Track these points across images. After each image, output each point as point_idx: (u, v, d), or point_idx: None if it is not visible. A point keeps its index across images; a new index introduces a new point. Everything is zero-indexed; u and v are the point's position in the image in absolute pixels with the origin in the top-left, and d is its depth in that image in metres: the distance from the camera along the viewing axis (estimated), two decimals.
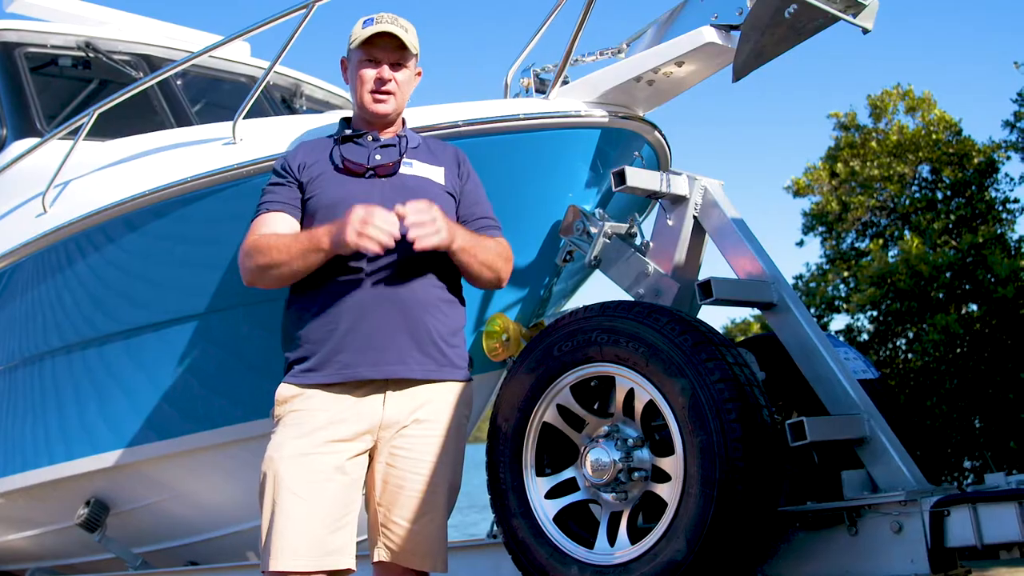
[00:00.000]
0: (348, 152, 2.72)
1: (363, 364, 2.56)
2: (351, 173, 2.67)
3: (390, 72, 2.73)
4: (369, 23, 2.71)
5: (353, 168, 2.67)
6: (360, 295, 2.58)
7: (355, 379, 2.57)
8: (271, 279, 2.62)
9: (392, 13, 2.75)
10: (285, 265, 2.57)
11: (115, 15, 5.77)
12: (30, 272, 4.29)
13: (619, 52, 3.54)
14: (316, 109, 5.68)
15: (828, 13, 2.97)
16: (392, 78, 2.73)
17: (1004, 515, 2.59)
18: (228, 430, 3.96)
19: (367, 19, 2.73)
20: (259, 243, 2.61)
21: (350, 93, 2.81)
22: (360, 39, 2.70)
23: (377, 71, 2.72)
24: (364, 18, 2.74)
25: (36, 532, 4.97)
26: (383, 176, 2.67)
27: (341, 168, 2.68)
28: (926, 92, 8.29)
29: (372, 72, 2.73)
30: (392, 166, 2.67)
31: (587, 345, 2.91)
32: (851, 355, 3.36)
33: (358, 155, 2.71)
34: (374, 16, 2.73)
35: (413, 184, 2.67)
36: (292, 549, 2.44)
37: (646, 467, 2.88)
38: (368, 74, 2.73)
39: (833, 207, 8.20)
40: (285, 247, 2.57)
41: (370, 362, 2.56)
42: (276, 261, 2.58)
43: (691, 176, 3.31)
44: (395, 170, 2.68)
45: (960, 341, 6.80)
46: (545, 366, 2.98)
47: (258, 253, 2.60)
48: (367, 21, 2.72)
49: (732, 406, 2.66)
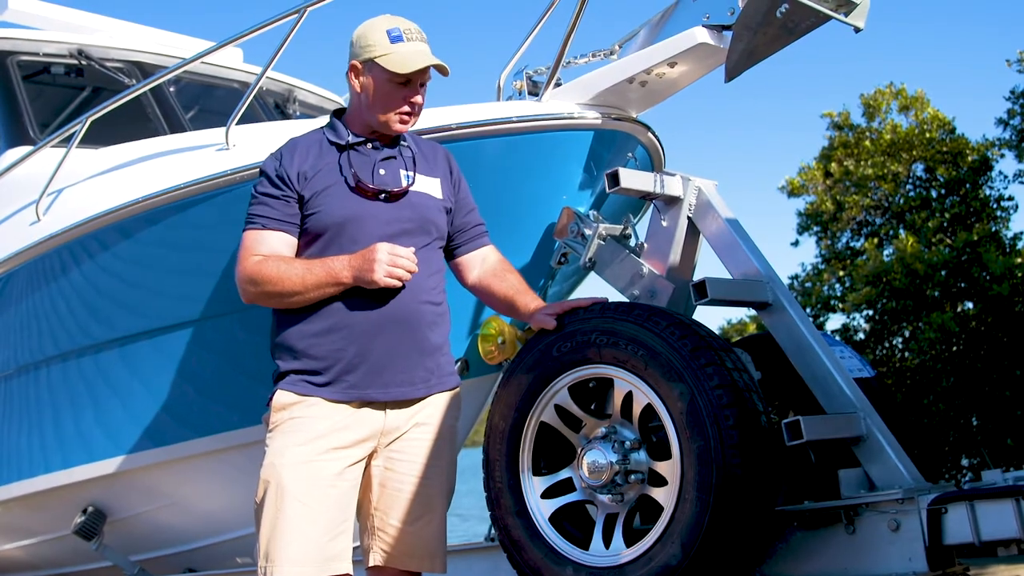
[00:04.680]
0: (355, 164, 2.63)
1: (373, 387, 2.56)
2: (362, 193, 2.60)
3: (421, 92, 2.64)
4: (398, 39, 2.57)
5: (365, 189, 2.60)
6: (366, 314, 2.55)
7: (362, 400, 2.57)
8: (276, 304, 2.59)
9: (404, 18, 2.63)
10: (298, 296, 2.53)
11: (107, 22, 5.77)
12: (24, 280, 4.28)
13: (611, 54, 3.55)
14: (309, 114, 5.68)
15: (820, 12, 2.98)
16: (422, 97, 2.65)
17: (1001, 512, 2.58)
18: (224, 436, 3.96)
19: (392, 28, 2.59)
20: (266, 272, 2.54)
21: (360, 100, 2.66)
22: (403, 66, 2.55)
23: (412, 95, 2.61)
24: (384, 26, 2.60)
25: (33, 541, 4.96)
26: (393, 201, 2.62)
27: (353, 187, 2.60)
28: (919, 91, 8.30)
29: (407, 94, 2.61)
30: (402, 193, 2.62)
31: (586, 346, 2.90)
32: (847, 354, 3.36)
33: (363, 167, 2.63)
34: (399, 26, 2.59)
35: (416, 200, 2.65)
36: (296, 556, 2.44)
37: (643, 470, 2.87)
38: (400, 94, 2.61)
39: (828, 207, 8.21)
40: (299, 279, 2.52)
41: (379, 384, 2.56)
42: (288, 291, 2.53)
43: (685, 177, 3.31)
44: (405, 193, 2.64)
45: (956, 339, 6.80)
46: (544, 366, 2.98)
47: (266, 283, 2.54)
48: (394, 35, 2.58)
49: (730, 412, 2.65)
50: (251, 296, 2.60)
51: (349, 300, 2.55)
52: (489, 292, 2.85)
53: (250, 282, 2.58)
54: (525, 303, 2.86)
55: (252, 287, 2.58)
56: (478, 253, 2.85)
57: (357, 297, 2.55)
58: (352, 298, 2.55)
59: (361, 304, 2.55)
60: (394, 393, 2.58)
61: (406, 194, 2.64)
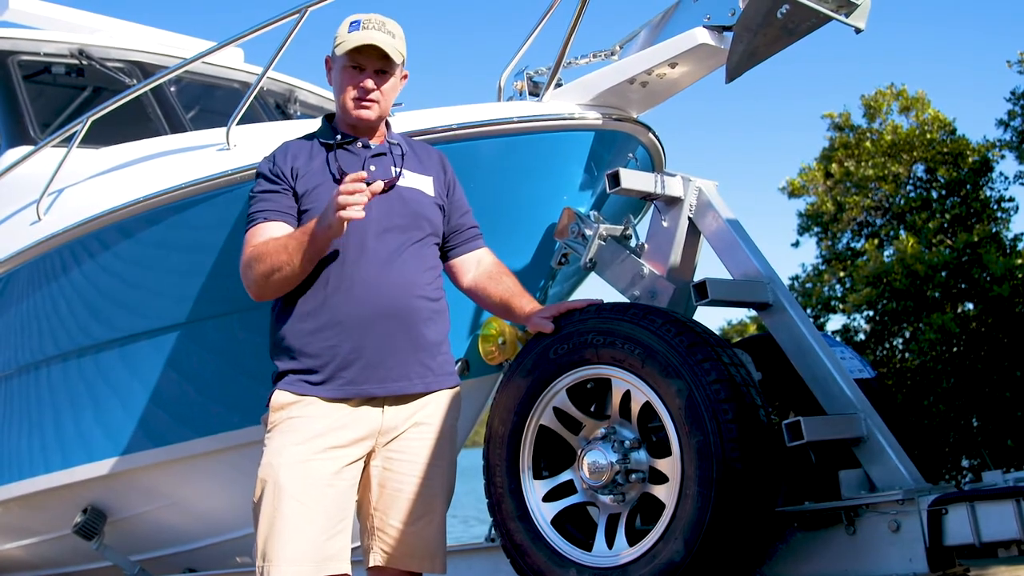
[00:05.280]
0: (343, 162, 2.68)
1: (369, 382, 2.57)
2: None
3: (374, 81, 2.67)
4: (356, 27, 2.64)
5: None
6: (359, 309, 2.56)
7: (360, 396, 2.57)
8: (276, 285, 2.59)
9: (380, 15, 2.68)
10: (288, 267, 2.54)
11: (108, 22, 5.77)
12: (25, 280, 4.28)
13: (612, 54, 3.55)
14: (310, 114, 5.68)
15: (820, 13, 2.98)
16: (376, 87, 2.67)
17: (1002, 513, 2.58)
18: (225, 436, 3.96)
19: (354, 21, 2.65)
20: (257, 251, 2.58)
21: (334, 94, 2.76)
22: (346, 47, 2.63)
23: (361, 80, 2.66)
24: (351, 19, 2.66)
25: (33, 541, 4.96)
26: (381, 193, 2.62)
27: (339, 181, 2.60)
28: (920, 92, 8.30)
29: (356, 79, 2.67)
30: (389, 185, 2.63)
31: (583, 347, 2.90)
32: (847, 354, 3.36)
33: (353, 165, 2.66)
34: (361, 18, 2.66)
35: (408, 195, 2.68)
36: (293, 555, 2.44)
37: (643, 468, 2.87)
38: (352, 81, 2.67)
39: (828, 207, 8.21)
40: (282, 248, 2.54)
41: (376, 379, 2.57)
42: (277, 263, 2.54)
43: (686, 177, 3.31)
44: (392, 186, 2.65)
45: (957, 340, 6.80)
46: (541, 369, 2.98)
47: (258, 261, 2.57)
48: (354, 24, 2.64)
49: (728, 406, 2.66)
50: (253, 284, 2.61)
51: (343, 297, 2.57)
52: (485, 295, 2.86)
53: (247, 267, 2.60)
54: (521, 306, 2.86)
55: (250, 271, 2.60)
56: (473, 255, 2.86)
57: (350, 293, 2.56)
58: (345, 295, 2.56)
59: (354, 300, 2.56)
60: (391, 388, 2.58)
61: (394, 187, 2.65)
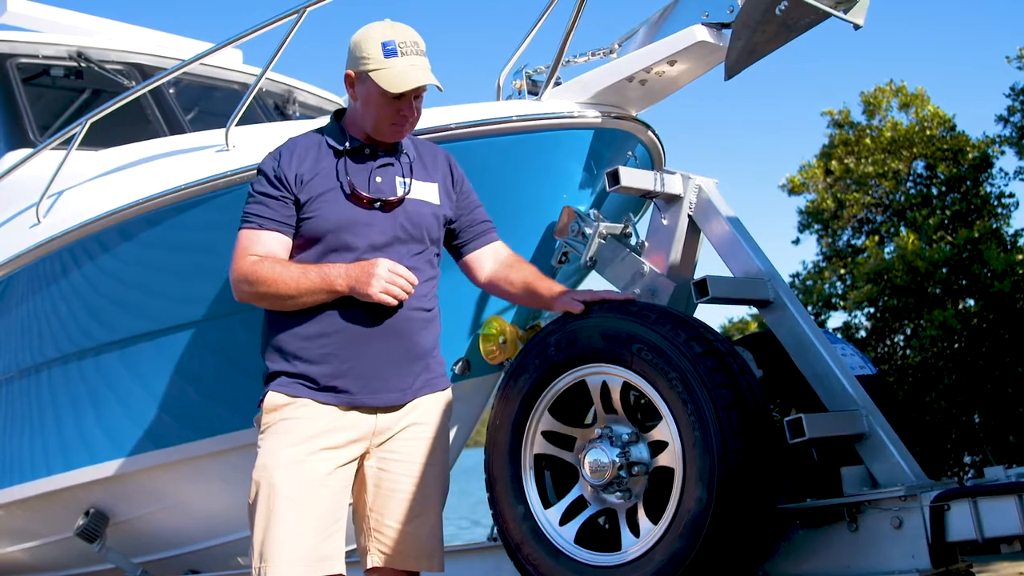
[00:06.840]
0: (351, 170, 2.63)
1: (363, 392, 2.57)
2: (357, 201, 2.59)
3: (413, 105, 2.60)
4: (392, 52, 2.52)
5: (361, 198, 2.59)
6: (358, 321, 2.55)
7: (353, 405, 2.57)
8: (268, 304, 2.60)
9: (406, 27, 2.58)
10: (291, 299, 2.53)
11: (107, 25, 5.77)
12: (25, 283, 4.28)
13: (611, 52, 3.54)
14: (309, 115, 5.68)
15: (819, 9, 2.97)
16: (416, 109, 2.62)
17: (1004, 508, 2.58)
18: (226, 438, 3.96)
19: (386, 42, 2.53)
20: (262, 273, 2.53)
21: (358, 107, 2.64)
22: (393, 87, 2.51)
23: (402, 108, 2.57)
24: (381, 39, 2.54)
25: (35, 544, 4.95)
26: (388, 210, 2.62)
27: (348, 195, 2.59)
28: (919, 88, 8.30)
29: (396, 106, 2.57)
30: (397, 202, 2.62)
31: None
32: (848, 351, 3.36)
33: (360, 176, 2.62)
34: (395, 40, 2.53)
35: (412, 209, 2.65)
36: (289, 556, 2.44)
37: (644, 461, 2.88)
38: (392, 108, 2.57)
39: (828, 204, 8.20)
40: (293, 282, 2.51)
41: (370, 390, 2.57)
42: (282, 294, 2.53)
43: (685, 175, 3.31)
44: (400, 202, 2.63)
45: (958, 336, 6.80)
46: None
47: (260, 283, 2.53)
48: (388, 48, 2.53)
49: (726, 391, 2.66)
50: (244, 295, 2.60)
51: (342, 306, 2.55)
52: (507, 283, 2.84)
53: (245, 281, 2.57)
54: (548, 287, 2.86)
55: (247, 287, 2.57)
56: (488, 248, 2.85)
57: (351, 304, 2.55)
58: (346, 305, 2.55)
59: (354, 311, 2.55)
60: (385, 399, 2.59)
61: (402, 203, 2.64)
